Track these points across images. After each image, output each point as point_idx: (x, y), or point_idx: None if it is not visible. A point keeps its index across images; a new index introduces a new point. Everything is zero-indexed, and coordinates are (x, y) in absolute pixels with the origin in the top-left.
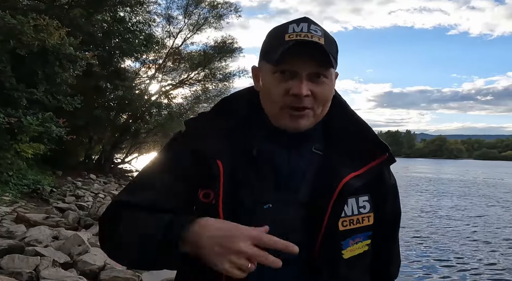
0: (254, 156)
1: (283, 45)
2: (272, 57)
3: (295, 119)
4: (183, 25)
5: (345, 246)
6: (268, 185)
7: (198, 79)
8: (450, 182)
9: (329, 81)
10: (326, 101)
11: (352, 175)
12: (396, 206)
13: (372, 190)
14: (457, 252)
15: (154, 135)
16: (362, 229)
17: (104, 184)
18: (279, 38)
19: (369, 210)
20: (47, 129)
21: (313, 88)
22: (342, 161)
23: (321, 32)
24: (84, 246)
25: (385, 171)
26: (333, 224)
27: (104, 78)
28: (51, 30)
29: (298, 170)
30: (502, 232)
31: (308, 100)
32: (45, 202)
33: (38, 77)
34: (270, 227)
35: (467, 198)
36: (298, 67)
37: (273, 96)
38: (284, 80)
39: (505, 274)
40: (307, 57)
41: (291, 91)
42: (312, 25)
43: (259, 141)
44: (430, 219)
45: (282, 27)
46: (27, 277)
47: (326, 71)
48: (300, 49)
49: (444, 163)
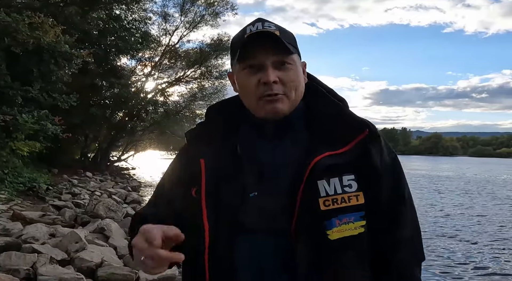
0: (238, 153)
1: (243, 41)
2: (237, 56)
3: (271, 104)
4: (179, 23)
5: (330, 226)
6: (253, 178)
7: (195, 76)
8: (446, 179)
9: (293, 66)
10: (297, 85)
11: (326, 154)
12: (397, 187)
13: (360, 169)
14: (455, 249)
15: (150, 133)
16: (350, 209)
17: (100, 182)
18: (240, 39)
19: (356, 189)
20: (42, 127)
21: (280, 75)
22: (321, 145)
23: (275, 27)
24: (81, 243)
25: (372, 149)
26: (310, 204)
27: (99, 76)
28: (46, 28)
29: (281, 160)
30: (500, 229)
31: (277, 86)
32: (41, 200)
33: (33, 75)
34: (256, 215)
35: (463, 195)
36: (261, 59)
37: (247, 89)
38: (253, 73)
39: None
40: (267, 48)
41: (261, 80)
42: (266, 22)
43: (244, 137)
44: (429, 215)
45: (241, 30)
46: (24, 274)
47: (288, 57)
48: (259, 42)
49: (439, 160)
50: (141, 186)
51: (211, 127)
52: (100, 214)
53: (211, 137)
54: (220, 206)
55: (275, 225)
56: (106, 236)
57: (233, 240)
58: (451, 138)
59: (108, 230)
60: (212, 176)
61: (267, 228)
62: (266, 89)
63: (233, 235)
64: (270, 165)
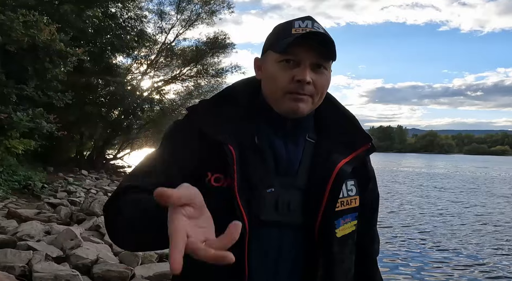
0: (256, 143)
1: (291, 36)
2: (279, 47)
3: (296, 102)
4: (175, 21)
5: (338, 226)
6: (269, 171)
7: (191, 75)
8: (442, 177)
9: (327, 72)
10: (324, 90)
11: (343, 161)
12: (377, 190)
13: (358, 176)
14: (451, 246)
15: (146, 131)
16: (350, 210)
17: (96, 180)
18: (285, 31)
19: (355, 193)
20: (37, 125)
21: (314, 77)
22: (333, 149)
23: (323, 30)
24: (77, 240)
25: (368, 160)
26: (331, 205)
27: (95, 74)
28: (41, 26)
29: (295, 157)
30: (496, 225)
31: (309, 87)
32: (37, 198)
33: (28, 73)
34: (273, 210)
35: (458, 192)
36: (302, 57)
37: (278, 82)
38: (289, 68)
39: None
40: (311, 48)
41: (296, 77)
42: (315, 23)
43: (260, 128)
44: (423, 212)
45: (288, 22)
46: (19, 271)
47: (327, 62)
48: (305, 41)
49: (435, 158)
50: None
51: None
52: (96, 211)
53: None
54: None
55: (290, 220)
56: (101, 233)
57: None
58: (446, 136)
59: (104, 227)
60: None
61: (281, 222)
62: (298, 87)
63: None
64: (286, 160)
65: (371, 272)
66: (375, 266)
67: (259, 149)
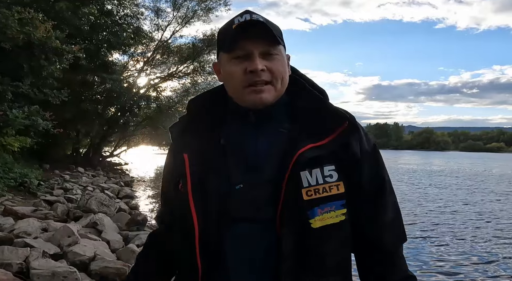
0: (222, 144)
1: (231, 32)
2: (225, 46)
3: (258, 94)
4: (172, 18)
5: (312, 216)
6: (238, 169)
7: (187, 72)
8: (438, 173)
9: (280, 57)
10: (282, 75)
11: (309, 146)
12: (377, 174)
13: (340, 160)
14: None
15: (143, 128)
16: (331, 198)
17: (92, 177)
18: (228, 30)
19: (337, 179)
20: (33, 122)
21: (267, 64)
22: (304, 137)
23: (262, 18)
24: (74, 237)
25: (352, 140)
26: (294, 194)
27: (91, 71)
28: (37, 24)
29: (265, 150)
30: (492, 221)
31: (265, 74)
32: (33, 195)
33: (24, 71)
34: (242, 205)
35: (455, 188)
36: (249, 49)
37: (234, 78)
38: (240, 62)
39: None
40: (255, 38)
41: (248, 69)
42: (253, 14)
43: (227, 127)
44: (420, 208)
45: (229, 21)
46: (17, 268)
47: (275, 48)
48: (247, 32)
49: (431, 155)
50: (134, 181)
51: (194, 120)
52: (93, 208)
53: (194, 130)
54: (207, 198)
55: (261, 214)
56: (98, 230)
57: (221, 230)
58: (442, 133)
59: (101, 224)
60: (197, 169)
61: (254, 217)
62: (253, 76)
63: (221, 225)
64: (254, 155)
65: (383, 268)
66: (388, 260)
67: (225, 149)
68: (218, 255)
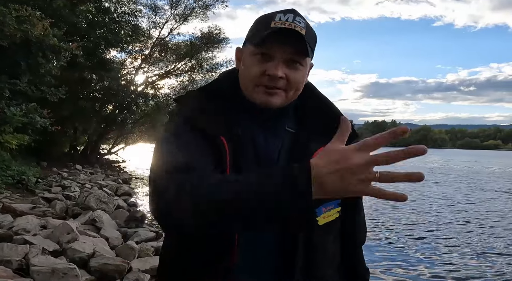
0: (239, 134)
1: (267, 30)
2: (255, 40)
3: (267, 95)
4: (170, 16)
5: (319, 214)
6: (250, 161)
7: (185, 69)
8: (436, 170)
9: (303, 68)
10: (298, 86)
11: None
12: None
13: None
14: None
15: (140, 125)
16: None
17: (90, 175)
18: (265, 23)
19: None
20: (31, 120)
21: (288, 73)
22: (312, 138)
23: (304, 24)
24: (73, 234)
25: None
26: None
27: (89, 69)
28: (34, 21)
29: (274, 147)
30: (489, 217)
31: (281, 82)
32: (31, 193)
33: (21, 68)
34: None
35: (454, 186)
36: (276, 51)
37: (250, 75)
38: (263, 62)
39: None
40: (286, 43)
41: (267, 72)
42: (297, 16)
43: (241, 119)
44: (417, 206)
45: (270, 14)
46: (16, 265)
47: (302, 59)
48: (282, 36)
49: (429, 152)
50: (132, 178)
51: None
52: (91, 205)
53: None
54: None
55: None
56: (97, 227)
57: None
58: (440, 131)
59: (100, 221)
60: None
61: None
62: (270, 80)
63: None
64: (265, 151)
65: (354, 260)
66: (358, 255)
67: (241, 140)
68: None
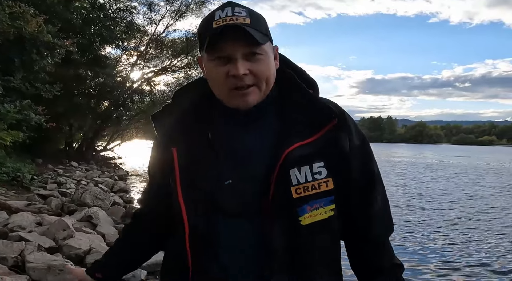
0: (209, 139)
1: (211, 32)
2: (205, 47)
3: (243, 97)
4: (165, 12)
5: (302, 213)
6: (227, 164)
7: (181, 66)
8: (432, 166)
9: (265, 57)
10: (268, 76)
11: (297, 144)
12: (367, 167)
13: (328, 156)
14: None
15: (136, 122)
16: (320, 195)
17: (86, 171)
18: (207, 26)
19: (326, 176)
20: (25, 116)
21: (250, 67)
22: (293, 133)
23: (245, 12)
24: (69, 230)
25: (341, 136)
26: (283, 192)
27: (84, 65)
28: (28, 18)
29: (254, 147)
30: (486, 211)
31: (248, 78)
32: (26, 190)
33: (15, 65)
34: (231, 201)
35: (452, 181)
36: (230, 51)
37: (217, 81)
38: (222, 65)
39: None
40: (235, 39)
41: (230, 73)
42: (236, 7)
43: (216, 123)
44: (415, 201)
45: (210, 15)
46: (12, 262)
47: (258, 48)
48: (229, 33)
49: (424, 148)
50: (128, 175)
51: (180, 112)
52: (87, 202)
53: (182, 123)
54: (196, 193)
55: (250, 211)
56: (93, 224)
57: (212, 223)
58: (435, 127)
59: (96, 218)
60: (186, 164)
61: (242, 213)
62: (236, 81)
63: (211, 218)
64: (243, 152)
65: (374, 257)
66: (379, 250)
67: (213, 144)
68: (209, 249)
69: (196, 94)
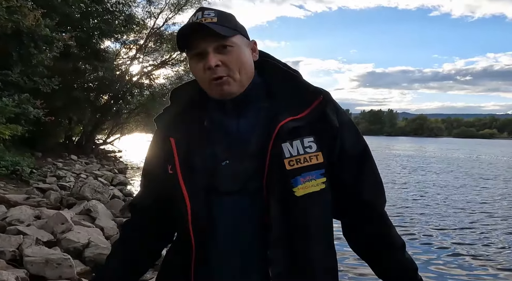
0: (206, 126)
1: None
2: (182, 47)
3: (219, 86)
4: (164, 5)
5: (296, 184)
6: (222, 146)
7: (181, 59)
8: (432, 159)
9: (236, 48)
10: (241, 65)
11: (288, 119)
12: (359, 140)
13: (317, 132)
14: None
15: (136, 115)
16: (311, 167)
17: (85, 165)
18: (182, 31)
19: (316, 150)
20: (24, 110)
21: (222, 58)
22: (283, 111)
23: (214, 13)
24: (68, 224)
25: (328, 112)
26: (277, 165)
27: (82, 59)
28: (25, 12)
29: (247, 127)
30: (486, 204)
31: (220, 69)
32: (25, 183)
33: (13, 59)
34: (230, 180)
35: (451, 174)
36: (202, 47)
37: (198, 76)
38: (199, 60)
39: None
40: (205, 37)
41: (205, 66)
42: (205, 11)
43: (210, 112)
44: (414, 194)
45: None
46: (10, 255)
47: (227, 41)
48: (198, 32)
49: (425, 141)
50: (128, 168)
51: (177, 108)
52: (86, 195)
53: (178, 117)
54: (195, 176)
55: (248, 187)
56: (92, 217)
57: (211, 203)
58: (436, 120)
59: (95, 211)
60: (184, 151)
61: (241, 190)
62: (211, 73)
63: (210, 199)
64: (237, 134)
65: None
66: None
67: (209, 130)
68: (211, 229)
69: (192, 90)
